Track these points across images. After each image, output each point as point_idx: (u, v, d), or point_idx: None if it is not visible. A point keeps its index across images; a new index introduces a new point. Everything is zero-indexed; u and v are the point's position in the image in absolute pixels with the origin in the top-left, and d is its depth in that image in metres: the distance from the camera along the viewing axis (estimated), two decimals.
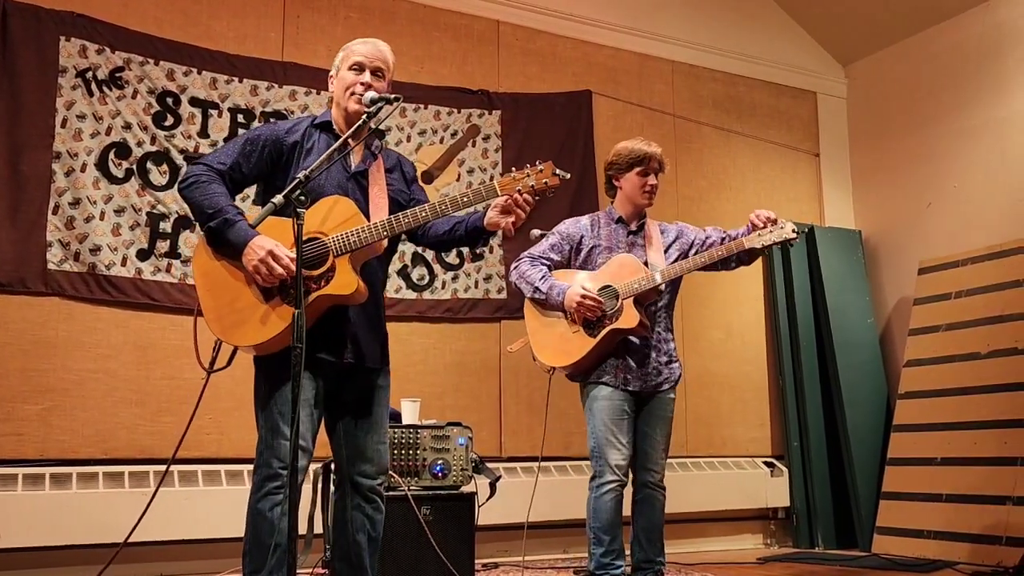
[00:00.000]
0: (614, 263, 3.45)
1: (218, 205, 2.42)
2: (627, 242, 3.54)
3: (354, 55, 2.60)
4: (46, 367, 4.05)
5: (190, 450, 4.11)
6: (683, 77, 5.95)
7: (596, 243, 3.53)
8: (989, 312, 5.11)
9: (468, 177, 5.10)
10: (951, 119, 5.76)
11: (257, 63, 4.66)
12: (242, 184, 2.58)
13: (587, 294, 3.34)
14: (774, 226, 3.35)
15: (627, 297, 3.36)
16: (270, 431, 2.41)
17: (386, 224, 2.44)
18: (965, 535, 4.72)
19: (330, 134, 2.61)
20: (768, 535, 5.72)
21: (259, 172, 2.56)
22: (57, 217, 4.11)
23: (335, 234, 2.42)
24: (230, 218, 2.40)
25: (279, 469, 2.38)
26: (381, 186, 2.61)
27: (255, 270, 2.36)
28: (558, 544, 4.92)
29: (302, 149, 2.57)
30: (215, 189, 2.45)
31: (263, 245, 2.35)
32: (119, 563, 2.93)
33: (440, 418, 4.08)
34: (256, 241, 2.37)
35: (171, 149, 4.39)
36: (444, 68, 5.18)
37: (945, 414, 5.12)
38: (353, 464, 2.57)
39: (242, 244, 2.37)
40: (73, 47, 4.22)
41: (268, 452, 2.40)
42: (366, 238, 2.43)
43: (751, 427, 5.80)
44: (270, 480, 2.39)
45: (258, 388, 2.49)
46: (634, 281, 3.37)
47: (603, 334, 3.35)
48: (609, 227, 3.57)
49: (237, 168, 2.52)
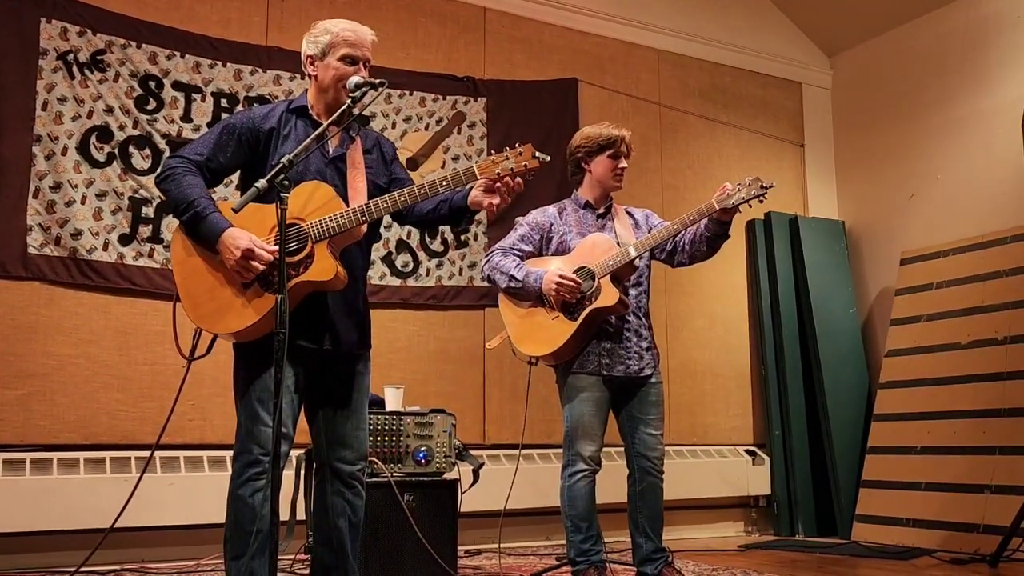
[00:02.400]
0: (586, 243, 3.42)
1: (190, 197, 2.41)
2: (596, 225, 3.51)
3: (344, 46, 2.55)
4: (26, 352, 4.02)
5: (172, 436, 4.09)
6: (669, 66, 5.95)
7: (566, 230, 3.50)
8: (970, 303, 5.15)
9: (453, 164, 5.08)
10: (935, 111, 5.79)
11: (241, 47, 4.62)
12: (221, 173, 2.57)
13: (564, 276, 3.29)
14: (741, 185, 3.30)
15: (603, 275, 3.33)
16: (249, 418, 2.41)
17: (364, 209, 2.43)
18: (944, 523, 4.78)
19: (306, 119, 2.59)
20: (749, 523, 5.77)
21: (237, 160, 2.55)
22: (38, 201, 4.07)
23: (313, 220, 2.42)
24: (200, 211, 2.39)
25: (259, 455, 2.38)
26: (360, 169, 2.60)
27: (233, 270, 2.36)
28: (540, 531, 4.95)
29: (279, 135, 2.55)
30: (189, 181, 2.44)
31: (237, 244, 2.34)
32: (103, 549, 2.92)
33: (424, 405, 4.07)
34: (228, 238, 2.35)
35: (153, 133, 4.36)
36: (429, 55, 5.16)
37: (925, 403, 5.16)
38: (333, 450, 2.57)
39: (215, 238, 2.37)
40: (54, 29, 4.17)
41: (248, 439, 2.40)
42: (344, 223, 2.42)
43: (733, 416, 5.83)
44: (251, 467, 2.39)
45: (237, 375, 2.49)
46: (608, 259, 3.34)
47: (583, 315, 3.31)
48: (577, 213, 3.54)
49: (214, 158, 2.51)
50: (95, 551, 2.85)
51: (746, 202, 3.27)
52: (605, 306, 3.32)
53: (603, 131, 3.51)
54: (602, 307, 3.32)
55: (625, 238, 3.45)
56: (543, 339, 3.38)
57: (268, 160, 2.50)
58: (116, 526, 2.85)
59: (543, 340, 3.38)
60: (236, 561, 2.37)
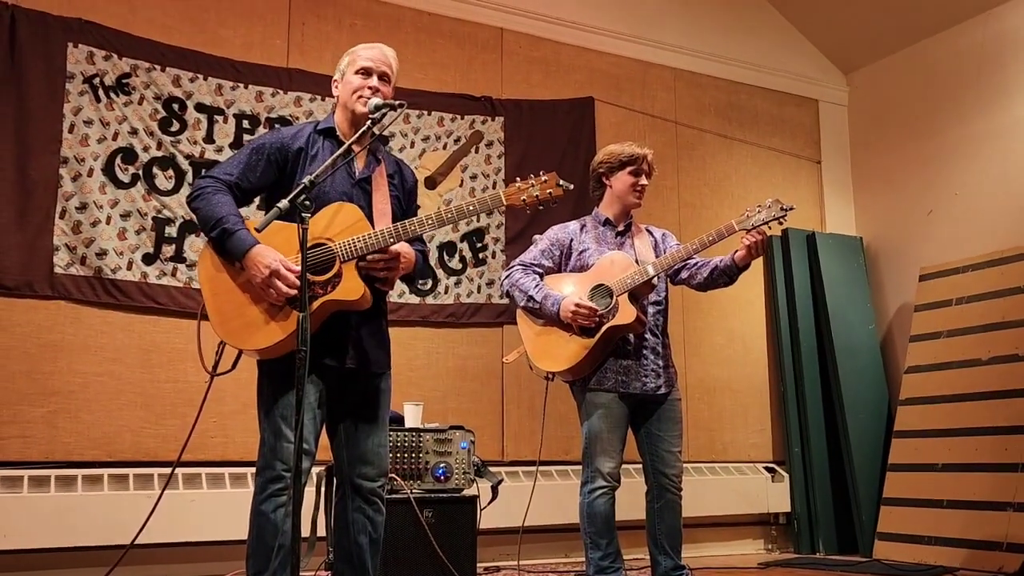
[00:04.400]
0: (605, 261, 3.44)
1: (219, 215, 2.46)
2: (616, 243, 3.54)
3: (360, 60, 2.63)
4: (52, 370, 4.08)
5: (194, 453, 4.14)
6: (685, 85, 5.99)
7: (585, 246, 3.53)
8: (990, 319, 5.13)
9: (471, 183, 5.13)
10: (952, 127, 5.79)
11: (263, 69, 4.70)
12: (251, 193, 2.62)
13: (580, 304, 3.31)
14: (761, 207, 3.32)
15: (621, 293, 3.36)
16: (273, 434, 2.44)
17: (393, 231, 2.47)
18: (966, 541, 4.74)
19: (333, 140, 2.64)
20: (769, 540, 5.74)
21: (266, 180, 2.60)
22: (64, 221, 4.15)
23: (341, 240, 2.45)
24: (228, 228, 2.43)
25: (282, 471, 2.41)
26: (384, 192, 2.64)
27: (263, 291, 2.40)
28: (559, 548, 4.94)
29: (307, 156, 2.60)
30: (219, 200, 2.49)
31: (265, 263, 2.38)
32: (124, 565, 2.96)
33: (443, 422, 4.10)
34: (256, 255, 2.39)
35: (177, 155, 4.43)
36: (448, 75, 5.22)
37: (946, 420, 5.13)
38: (354, 467, 2.59)
39: (241, 254, 2.41)
40: (81, 53, 4.26)
41: (271, 454, 2.43)
42: (373, 244, 2.45)
43: (752, 432, 5.82)
44: (273, 482, 2.41)
45: (261, 392, 2.52)
46: (627, 276, 3.35)
47: (601, 332, 3.33)
48: (597, 230, 3.57)
49: (244, 178, 2.56)
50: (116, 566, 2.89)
51: (766, 223, 3.30)
52: (622, 324, 3.34)
53: (625, 148, 3.55)
54: (619, 325, 3.34)
55: (644, 256, 3.47)
56: (560, 355, 3.40)
57: (295, 180, 2.54)
58: (140, 542, 2.88)
59: (560, 356, 3.40)
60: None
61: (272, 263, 2.38)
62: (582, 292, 3.39)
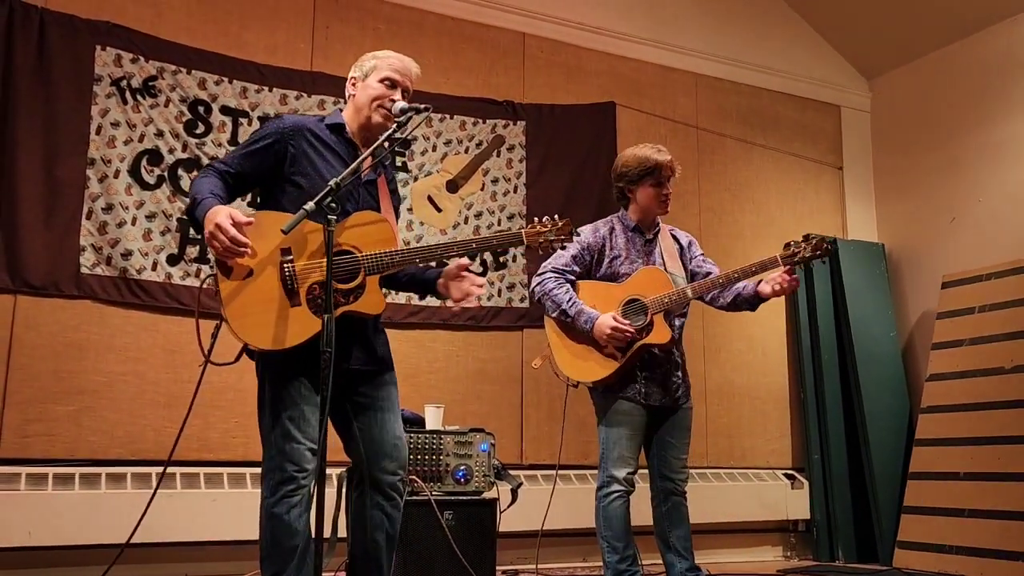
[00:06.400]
0: (641, 276, 3.45)
1: (195, 193, 2.41)
2: (645, 251, 3.56)
3: (386, 69, 2.62)
4: (77, 369, 4.12)
5: (216, 452, 4.17)
6: (707, 90, 5.98)
7: (617, 253, 3.54)
8: (1013, 327, 5.09)
9: (492, 187, 5.15)
10: (976, 133, 5.75)
11: (287, 73, 4.73)
12: (246, 179, 2.56)
13: (618, 325, 3.32)
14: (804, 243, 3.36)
15: (657, 312, 3.38)
16: (281, 436, 2.41)
17: (422, 251, 2.53)
18: (988, 551, 4.69)
19: (340, 136, 2.63)
20: (788, 547, 5.71)
21: (263, 170, 2.55)
22: (90, 222, 4.19)
23: (368, 252, 2.47)
24: (198, 198, 2.38)
25: (293, 472, 2.39)
26: (388, 201, 2.66)
27: (208, 243, 2.32)
28: (577, 552, 4.94)
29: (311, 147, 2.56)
30: (203, 182, 2.45)
31: (211, 217, 2.29)
32: (147, 563, 2.99)
33: (462, 424, 4.11)
34: (211, 214, 2.31)
35: (202, 156, 4.47)
36: (470, 79, 5.24)
37: (968, 429, 5.09)
38: (373, 462, 2.56)
39: (201, 218, 2.34)
40: (108, 56, 4.31)
41: (280, 457, 2.40)
42: (399, 261, 2.47)
43: (772, 439, 5.79)
44: (284, 484, 2.39)
45: (262, 393, 2.50)
46: (664, 297, 3.37)
47: (633, 350, 3.36)
48: (625, 235, 3.58)
49: (239, 165, 2.53)
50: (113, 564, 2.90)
51: (810, 260, 3.32)
52: (656, 343, 3.38)
53: (642, 155, 3.53)
54: (652, 343, 3.38)
55: (673, 267, 3.51)
56: (589, 368, 3.42)
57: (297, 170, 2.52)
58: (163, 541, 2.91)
59: (589, 369, 3.42)
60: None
61: (218, 216, 2.28)
62: (615, 304, 3.40)
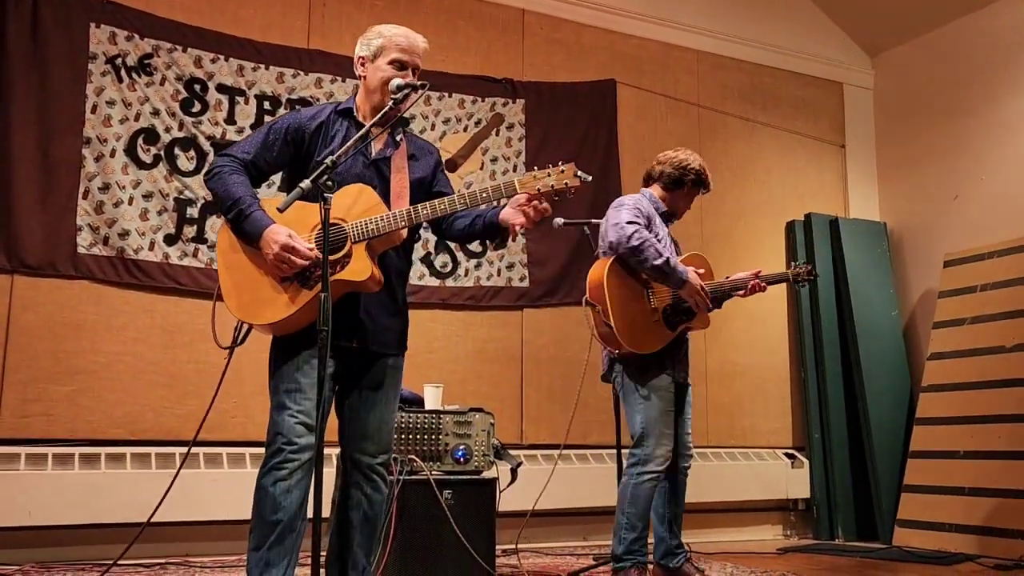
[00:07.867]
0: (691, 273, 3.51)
1: (235, 196, 2.46)
2: (669, 236, 3.71)
3: (395, 50, 2.58)
4: (76, 349, 4.12)
5: (215, 432, 4.16)
6: (708, 67, 5.93)
7: (660, 236, 3.60)
8: (1015, 305, 5.07)
9: (492, 166, 5.11)
10: (979, 111, 5.71)
11: (283, 50, 4.69)
12: (267, 172, 2.61)
13: (705, 286, 3.49)
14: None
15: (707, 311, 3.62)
16: (275, 408, 2.47)
17: (406, 214, 2.46)
18: (987, 528, 4.70)
19: (351, 120, 2.62)
20: (788, 526, 5.72)
21: (282, 160, 2.60)
22: (87, 202, 4.17)
23: (354, 221, 2.45)
24: (244, 209, 2.44)
25: (282, 445, 2.41)
26: (403, 174, 2.62)
27: (276, 265, 2.41)
28: (577, 531, 4.95)
29: (326, 136, 2.59)
30: (235, 180, 2.49)
31: (276, 239, 2.38)
32: (147, 542, 2.99)
33: (462, 404, 4.10)
34: (269, 234, 2.40)
35: (198, 135, 4.44)
36: (468, 57, 5.19)
37: (969, 407, 5.08)
38: (354, 442, 2.59)
39: (257, 235, 2.42)
40: (103, 34, 4.27)
41: (273, 427, 2.45)
42: (384, 226, 2.44)
43: (772, 418, 5.79)
44: (273, 456, 2.43)
45: (271, 369, 2.53)
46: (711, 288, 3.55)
47: (680, 329, 3.52)
48: (658, 217, 3.67)
49: (260, 157, 2.56)
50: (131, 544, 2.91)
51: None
52: (699, 329, 3.63)
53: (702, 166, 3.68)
54: (697, 328, 3.60)
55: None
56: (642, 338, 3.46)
57: (313, 160, 2.53)
58: (162, 520, 2.91)
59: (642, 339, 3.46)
60: (255, 552, 2.39)
61: (283, 239, 2.38)
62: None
